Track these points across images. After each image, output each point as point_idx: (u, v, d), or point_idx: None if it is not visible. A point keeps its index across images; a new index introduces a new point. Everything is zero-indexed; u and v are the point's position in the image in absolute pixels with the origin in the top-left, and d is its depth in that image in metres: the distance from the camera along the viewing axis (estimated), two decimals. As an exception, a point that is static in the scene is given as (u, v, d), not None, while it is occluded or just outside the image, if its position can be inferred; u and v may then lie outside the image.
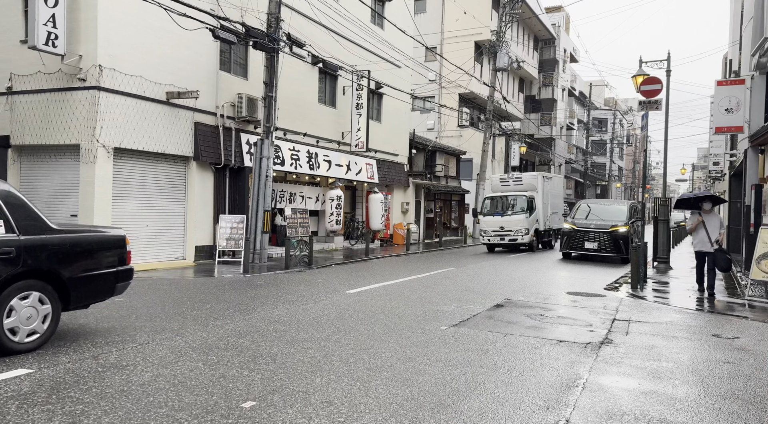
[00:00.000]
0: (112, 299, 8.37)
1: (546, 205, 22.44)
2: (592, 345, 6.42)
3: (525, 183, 21.97)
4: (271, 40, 14.63)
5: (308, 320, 7.19)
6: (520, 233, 20.35)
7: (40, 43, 11.61)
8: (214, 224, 15.16)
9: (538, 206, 21.42)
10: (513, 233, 20.39)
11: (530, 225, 20.68)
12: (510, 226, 20.46)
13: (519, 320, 7.75)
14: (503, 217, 20.65)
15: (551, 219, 23.35)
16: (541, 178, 22.38)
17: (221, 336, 6.11)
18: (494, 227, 20.72)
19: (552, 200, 23.49)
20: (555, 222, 23.96)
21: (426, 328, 6.95)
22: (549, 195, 23.01)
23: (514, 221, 20.45)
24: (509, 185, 22.19)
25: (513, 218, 20.51)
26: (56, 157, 12.98)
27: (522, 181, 22.06)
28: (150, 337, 5.99)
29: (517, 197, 20.98)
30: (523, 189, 21.74)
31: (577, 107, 56.66)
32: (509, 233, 20.44)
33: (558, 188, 25.16)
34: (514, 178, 22.39)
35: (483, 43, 32.59)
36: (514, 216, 20.53)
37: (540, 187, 21.97)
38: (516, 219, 20.47)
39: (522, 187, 21.88)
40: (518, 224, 20.41)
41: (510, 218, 20.54)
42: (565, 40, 50.18)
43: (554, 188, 24.25)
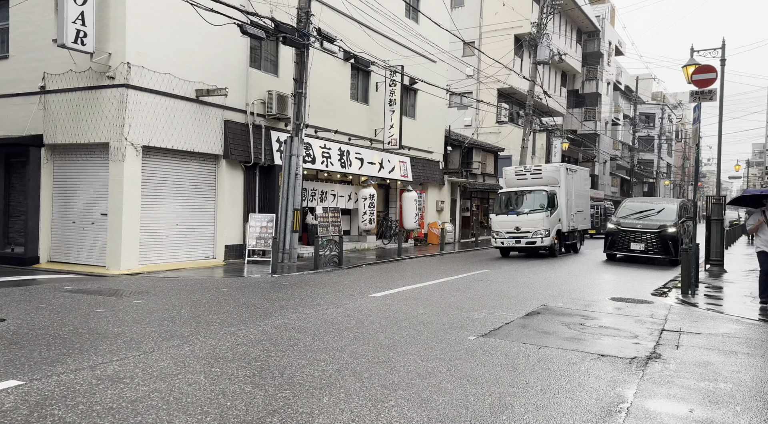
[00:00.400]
0: (130, 301, 8.16)
1: (570, 202, 19.46)
2: (638, 361, 5.76)
3: (545, 176, 18.96)
4: (301, 35, 14.30)
5: (326, 326, 6.76)
6: (539, 235, 17.54)
7: (69, 41, 11.58)
8: (243, 223, 14.96)
9: (561, 203, 18.62)
10: (531, 234, 17.61)
11: (551, 225, 17.91)
12: (527, 226, 17.67)
13: (556, 329, 7.13)
14: (519, 216, 17.84)
15: (576, 218, 20.20)
16: (564, 170, 19.21)
17: (231, 345, 5.74)
18: (508, 228, 17.97)
19: (576, 197, 20.31)
20: (580, 222, 20.88)
21: (452, 338, 6.41)
22: (573, 190, 19.86)
23: (532, 221, 17.64)
24: (526, 179, 19.22)
25: (531, 218, 17.68)
26: (87, 156, 12.98)
27: (541, 173, 19.05)
28: (156, 344, 5.67)
29: (536, 193, 18.16)
30: (542, 183, 18.79)
31: (623, 102, 54.67)
32: (526, 234, 17.65)
33: (583, 183, 21.97)
34: (532, 170, 19.35)
35: (523, 36, 31.59)
36: (532, 215, 17.70)
37: (563, 181, 18.92)
38: (534, 218, 17.64)
39: (541, 181, 18.90)
40: (537, 224, 17.62)
41: (527, 217, 17.70)
42: (610, 32, 48.39)
43: (579, 183, 20.99)
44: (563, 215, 18.80)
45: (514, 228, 17.89)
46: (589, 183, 23.29)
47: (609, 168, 50.57)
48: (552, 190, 18.29)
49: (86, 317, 6.88)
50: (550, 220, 17.82)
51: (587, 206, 22.45)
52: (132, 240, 12.32)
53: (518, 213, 17.96)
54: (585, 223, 21.68)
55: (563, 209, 18.76)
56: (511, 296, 9.76)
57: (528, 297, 9.66)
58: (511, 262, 16.47)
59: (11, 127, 13.56)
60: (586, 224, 21.74)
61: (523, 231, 17.72)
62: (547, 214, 17.73)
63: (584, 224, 21.57)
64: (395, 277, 12.22)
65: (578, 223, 20.60)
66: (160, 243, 13.20)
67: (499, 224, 18.24)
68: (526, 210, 17.91)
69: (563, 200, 18.75)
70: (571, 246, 20.47)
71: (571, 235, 19.91)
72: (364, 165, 18.67)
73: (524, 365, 5.43)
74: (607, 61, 47.99)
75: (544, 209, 17.77)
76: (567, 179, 19.23)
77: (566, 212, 18.99)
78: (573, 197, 19.74)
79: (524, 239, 17.71)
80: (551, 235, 17.82)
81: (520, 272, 13.77)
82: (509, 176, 19.77)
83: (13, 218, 13.65)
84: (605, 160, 48.82)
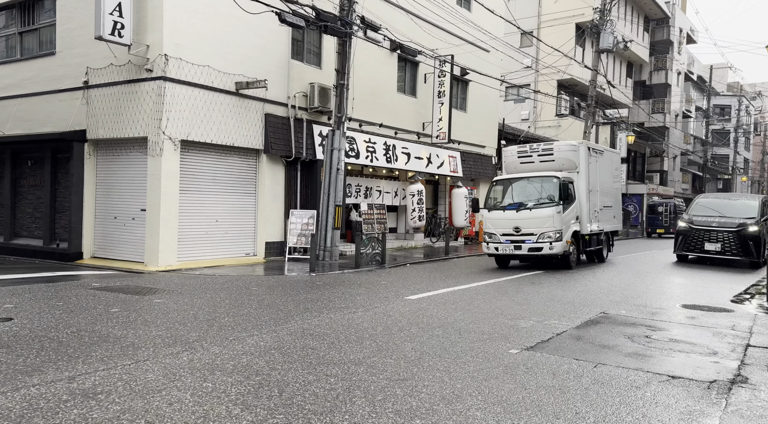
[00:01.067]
0: (150, 300, 7.73)
1: (594, 193, 14.59)
2: (719, 385, 4.72)
3: (558, 158, 13.99)
4: (344, 23, 13.68)
5: (348, 333, 6.04)
6: (547, 238, 12.71)
7: (106, 34, 11.41)
8: (285, 219, 14.50)
9: (580, 195, 13.81)
10: (535, 237, 12.79)
11: (564, 225, 12.95)
12: (530, 226, 12.88)
13: (617, 343, 6.11)
14: (519, 212, 13.05)
15: (601, 216, 15.12)
16: (584, 150, 14.23)
17: (235, 353, 5.10)
18: (505, 229, 13.12)
19: (602, 188, 15.32)
20: (607, 221, 15.77)
21: (490, 351, 5.54)
22: (598, 179, 14.95)
23: (537, 219, 12.86)
24: (533, 161, 14.30)
25: (535, 214, 12.91)
26: (127, 151, 12.84)
27: (553, 154, 14.09)
28: (155, 351, 5.11)
29: (544, 181, 13.24)
30: (554, 168, 13.87)
31: (695, 93, 51.21)
32: (528, 237, 12.88)
33: (612, 170, 16.61)
34: (540, 150, 14.34)
35: (584, 24, 29.85)
36: (538, 211, 12.93)
37: (583, 166, 14.05)
38: (540, 215, 12.85)
39: (553, 164, 13.98)
40: (543, 222, 12.79)
41: (530, 213, 12.97)
42: (681, 19, 45.34)
43: (606, 169, 15.86)
44: (583, 211, 13.89)
45: (512, 229, 13.03)
46: (622, 171, 17.97)
47: (679, 163, 47.48)
48: (566, 178, 13.42)
49: (96, 317, 6.46)
50: (562, 217, 12.86)
51: (618, 201, 17.11)
52: (170, 236, 12.05)
53: (518, 208, 13.10)
54: (614, 223, 16.59)
55: (583, 204, 13.88)
56: (565, 301, 8.73)
57: (585, 303, 8.60)
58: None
59: (58, 124, 13.62)
60: (615, 225, 16.76)
61: (525, 233, 12.91)
62: (558, 209, 12.77)
63: (613, 224, 16.48)
64: (438, 277, 11.37)
65: (604, 223, 15.47)
66: (200, 239, 12.90)
67: (492, 222, 13.45)
68: (529, 204, 13.09)
69: (583, 191, 13.93)
70: (595, 253, 15.37)
71: (594, 238, 14.87)
72: (411, 160, 17.87)
73: (575, 388, 4.51)
74: (678, 50, 45.02)
75: (554, 203, 12.81)
76: (589, 163, 14.33)
77: (587, 208, 14.05)
78: (598, 188, 14.89)
79: (526, 244, 12.89)
80: (564, 238, 12.88)
81: (579, 273, 12.60)
82: (509, 159, 14.79)
83: (59, 213, 13.72)
84: (675, 155, 45.85)
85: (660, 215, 31.49)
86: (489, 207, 13.69)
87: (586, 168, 14.15)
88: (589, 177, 14.29)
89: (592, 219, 14.39)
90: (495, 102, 23.04)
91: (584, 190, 14.02)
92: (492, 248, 13.43)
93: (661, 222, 31.37)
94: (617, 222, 16.94)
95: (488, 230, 13.53)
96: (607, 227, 15.74)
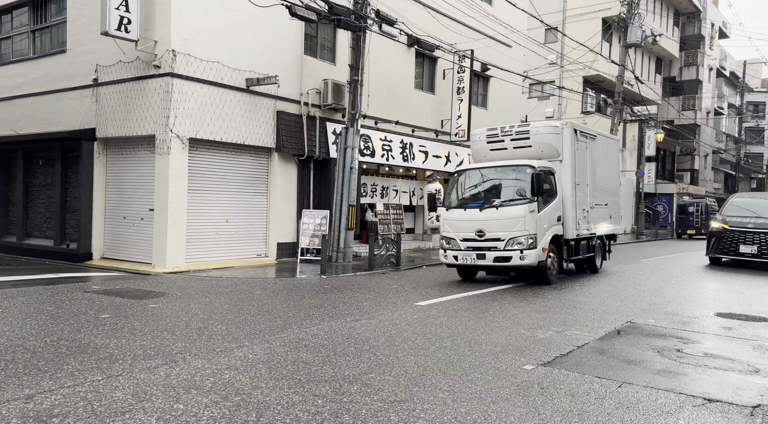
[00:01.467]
0: (146, 305, 7.36)
1: (583, 188, 11.69)
2: (765, 411, 4.11)
3: (536, 143, 11.03)
4: (358, 17, 13.20)
5: (347, 345, 5.55)
6: (518, 245, 9.90)
7: (112, 29, 11.14)
8: (297, 219, 14.10)
9: (564, 190, 10.97)
10: (502, 244, 9.98)
11: (541, 228, 10.12)
12: (496, 229, 10.04)
13: (645, 357, 5.51)
14: (483, 211, 10.21)
15: (594, 217, 12.19)
16: (569, 134, 11.20)
17: (218, 368, 4.66)
18: (466, 232, 10.31)
19: (596, 181, 12.40)
20: (602, 223, 12.78)
21: (502, 367, 5.00)
22: (588, 170, 12.01)
23: (506, 220, 9.99)
24: (505, 148, 11.34)
25: (503, 214, 10.04)
26: (135, 150, 12.57)
27: (529, 137, 11.09)
28: (131, 364, 4.69)
29: (516, 171, 10.40)
30: (532, 155, 10.99)
31: (728, 89, 49.48)
32: (494, 243, 10.05)
33: (609, 160, 13.36)
34: (514, 133, 11.29)
35: (611, 19, 28.88)
36: (506, 209, 10.04)
37: (568, 153, 11.10)
38: (509, 216, 9.99)
39: (530, 151, 11.06)
40: (513, 224, 9.93)
41: (497, 213, 10.08)
42: (713, 13, 43.82)
43: (601, 159, 12.71)
44: (567, 210, 11.02)
45: (474, 232, 10.20)
46: (618, 163, 14.47)
47: (711, 162, 45.91)
48: (545, 168, 10.56)
49: (83, 324, 6.10)
50: (537, 218, 10.02)
51: (616, 198, 13.90)
52: (178, 237, 11.73)
53: (482, 206, 10.27)
54: (611, 225, 13.39)
55: (567, 201, 11.02)
56: (588, 308, 8.11)
57: (610, 310, 7.97)
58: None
59: (69, 122, 13.44)
60: (612, 227, 13.55)
61: (490, 238, 10.07)
62: (531, 207, 9.92)
63: (609, 226, 13.28)
64: (453, 280, 10.82)
65: (597, 225, 12.49)
66: (209, 240, 12.57)
67: (450, 224, 10.59)
68: (495, 201, 10.24)
69: (568, 185, 11.06)
70: (585, 262, 12.50)
71: (584, 244, 11.94)
72: (428, 158, 17.33)
73: (596, 412, 3.95)
74: (709, 45, 43.50)
75: (526, 200, 9.97)
76: (576, 150, 11.40)
77: (575, 206, 11.22)
78: (588, 181, 11.95)
79: (491, 252, 10.05)
80: (539, 245, 10.00)
81: (603, 277, 11.91)
82: (478, 145, 11.80)
83: (70, 213, 13.55)
84: (706, 153, 44.33)
85: (691, 216, 30.31)
86: (447, 205, 10.77)
87: (571, 156, 11.15)
88: (576, 167, 11.29)
89: (580, 220, 11.48)
90: (517, 99, 22.33)
91: (569, 184, 11.03)
92: (450, 257, 10.41)
93: (691, 223, 30.18)
94: (615, 224, 13.66)
95: (446, 233, 10.55)
96: (600, 230, 12.66)
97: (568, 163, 11.13)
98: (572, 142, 11.26)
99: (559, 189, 10.82)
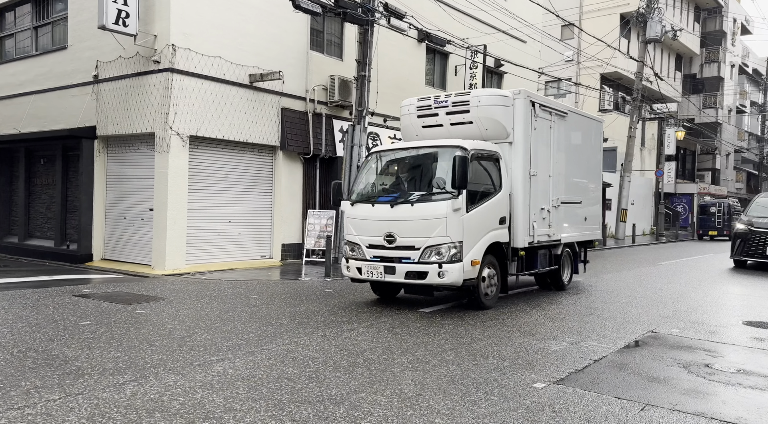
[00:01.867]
0: (132, 310, 6.95)
1: (544, 180, 8.91)
2: (811, 443, 3.54)
3: (478, 118, 8.29)
4: (365, 10, 12.73)
5: (339, 358, 5.07)
6: (436, 257, 7.22)
7: (110, 23, 10.79)
8: (303, 220, 13.66)
9: (513, 182, 8.26)
10: (417, 254, 7.30)
11: (470, 233, 7.38)
12: (409, 233, 7.36)
13: (670, 373, 4.96)
14: (396, 207, 7.45)
15: (559, 218, 9.34)
16: (524, 106, 8.40)
17: (192, 386, 4.20)
18: (373, 236, 7.62)
19: (564, 171, 9.55)
20: (571, 226, 9.81)
21: (510, 384, 4.48)
22: (553, 157, 9.17)
23: (421, 222, 7.31)
24: (440, 125, 8.62)
25: (419, 213, 7.34)
26: (135, 148, 12.23)
27: (469, 110, 8.33)
28: (98, 380, 4.26)
29: (444, 155, 7.69)
30: (473, 134, 8.25)
31: (750, 87, 48.19)
32: (407, 252, 7.37)
33: (586, 146, 10.53)
34: (450, 103, 8.50)
35: (630, 14, 28.08)
36: (423, 207, 7.35)
37: (520, 132, 8.35)
38: (425, 215, 7.31)
39: (470, 128, 8.34)
40: (430, 228, 7.25)
41: (412, 211, 7.38)
42: (735, 8, 42.63)
43: (571, 143, 9.89)
44: (517, 209, 8.22)
45: (383, 236, 7.49)
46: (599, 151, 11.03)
47: (733, 161, 44.71)
48: (482, 151, 7.85)
49: (59, 332, 5.70)
50: (466, 220, 7.30)
51: (594, 194, 10.79)
52: (178, 238, 11.35)
53: (394, 201, 7.51)
54: (584, 229, 10.33)
55: (518, 197, 8.23)
56: (606, 315, 7.54)
57: (630, 318, 7.40)
58: (613, 268, 13.80)
59: (70, 120, 13.15)
60: (587, 232, 10.46)
61: (402, 245, 7.38)
62: (456, 205, 7.21)
63: (581, 230, 10.24)
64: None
65: (564, 228, 9.53)
66: (211, 241, 12.18)
67: (356, 224, 7.84)
68: (412, 195, 7.57)
69: (519, 176, 8.25)
70: (548, 276, 9.67)
71: (543, 254, 9.11)
72: (440, 157, 16.75)
73: (616, 443, 3.42)
74: (731, 41, 42.37)
75: (450, 194, 7.25)
76: (534, 131, 8.57)
77: (527, 205, 8.39)
78: (552, 172, 9.10)
79: (402, 264, 7.36)
80: (467, 257, 7.27)
81: (623, 282, 11.30)
82: (408, 120, 8.95)
83: (70, 213, 13.26)
84: (728, 152, 43.16)
85: (712, 217, 29.32)
86: (353, 198, 7.94)
87: (525, 136, 8.27)
88: (533, 152, 8.47)
89: (537, 223, 8.55)
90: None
91: (521, 175, 8.18)
92: (354, 269, 7.64)
93: (713, 224, 29.19)
94: (590, 227, 10.53)
95: (350, 236, 7.78)
96: (569, 236, 9.68)
97: (521, 147, 8.21)
98: (528, 119, 8.35)
99: (505, 181, 8.00)
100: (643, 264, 15.05)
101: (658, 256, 17.97)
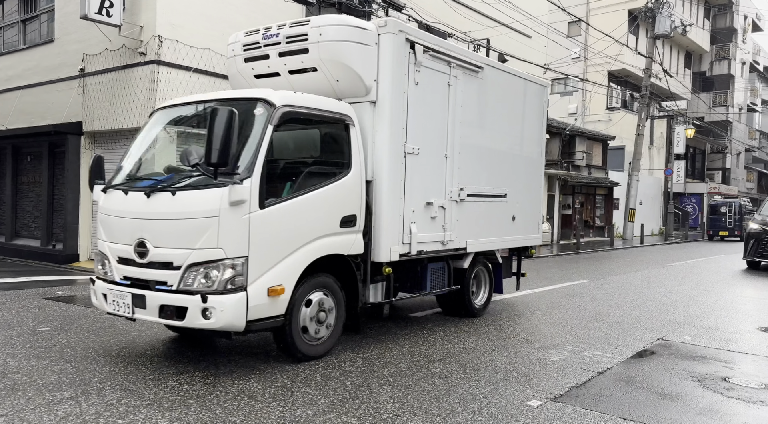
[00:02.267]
0: (100, 315, 6.47)
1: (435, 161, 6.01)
2: None
3: (323, 62, 5.29)
4: (362, 1, 12.23)
5: (312, 370, 4.56)
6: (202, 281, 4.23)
7: (92, 12, 10.34)
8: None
9: (375, 160, 5.38)
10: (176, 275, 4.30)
11: (271, 241, 4.43)
12: (165, 241, 4.38)
13: (682, 388, 4.42)
14: (153, 197, 4.45)
15: (466, 216, 6.40)
16: (395, 47, 5.40)
17: (135, 406, 3.70)
18: (122, 243, 4.62)
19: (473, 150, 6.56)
20: (489, 227, 6.85)
21: (501, 402, 3.96)
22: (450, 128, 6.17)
23: (182, 222, 4.32)
24: (277, 73, 5.64)
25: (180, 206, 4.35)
26: (122, 144, 11.75)
27: (308, 49, 5.28)
28: (31, 398, 3.77)
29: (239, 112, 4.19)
30: (317, 88, 5.36)
31: (761, 84, 47.33)
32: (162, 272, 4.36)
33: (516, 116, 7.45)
34: (284, 38, 5.43)
35: (638, 10, 27.45)
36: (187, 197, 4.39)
37: (388, 88, 5.38)
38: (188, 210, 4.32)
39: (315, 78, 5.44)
40: (196, 231, 4.27)
41: (173, 203, 4.38)
42: (746, 4, 41.81)
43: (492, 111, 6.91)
44: (381, 202, 5.38)
45: (133, 245, 4.52)
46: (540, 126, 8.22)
47: (743, 160, 43.88)
48: (313, 109, 4.97)
49: (9, 340, 5.23)
50: (261, 220, 4.38)
51: (534, 186, 7.95)
52: (164, 237, 10.88)
53: (152, 188, 4.59)
54: (517, 231, 7.45)
55: (381, 183, 5.38)
56: (611, 321, 7.00)
57: (638, 324, 6.85)
58: (621, 269, 13.23)
59: (56, 116, 12.72)
60: (524, 235, 7.66)
61: (155, 260, 4.42)
62: (235, 193, 4.24)
63: (517, 234, 7.47)
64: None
65: (476, 231, 6.62)
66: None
67: (105, 223, 4.90)
68: (176, 178, 4.78)
69: (385, 151, 5.40)
70: (452, 298, 6.81)
71: (437, 270, 6.29)
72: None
73: (621, 478, 2.89)
74: (742, 38, 41.59)
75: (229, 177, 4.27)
76: (416, 86, 5.70)
77: (400, 196, 5.54)
78: (449, 151, 6.19)
79: (155, 292, 4.38)
80: (259, 281, 4.35)
81: (629, 284, 10.73)
82: (235, 64, 6.30)
83: (57, 212, 12.82)
84: (739, 151, 42.35)
85: (723, 217, 28.59)
86: (112, 181, 5.10)
87: (397, 93, 5.50)
88: (411, 118, 5.67)
89: (422, 224, 5.81)
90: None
91: (387, 150, 5.41)
92: (99, 295, 4.82)
93: (724, 224, 28.46)
94: (522, 229, 7.56)
95: (100, 244, 4.95)
96: (483, 242, 6.81)
97: (387, 109, 5.38)
98: (401, 68, 5.53)
99: (357, 160, 5.19)
100: (652, 265, 14.45)
101: (667, 257, 17.36)
